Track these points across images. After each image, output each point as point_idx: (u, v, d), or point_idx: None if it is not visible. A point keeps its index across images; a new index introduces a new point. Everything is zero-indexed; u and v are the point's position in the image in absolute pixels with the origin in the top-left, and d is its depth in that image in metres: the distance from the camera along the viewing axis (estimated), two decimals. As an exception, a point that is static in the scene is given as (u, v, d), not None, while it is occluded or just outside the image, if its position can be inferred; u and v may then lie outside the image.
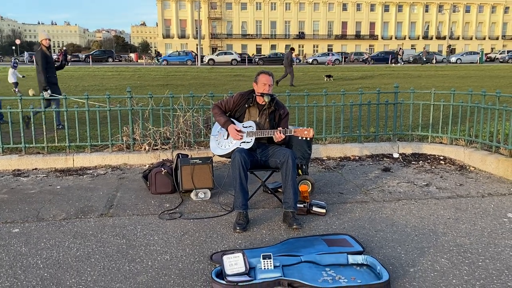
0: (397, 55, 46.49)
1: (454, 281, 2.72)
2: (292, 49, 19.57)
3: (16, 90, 14.37)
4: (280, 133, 3.67)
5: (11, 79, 14.83)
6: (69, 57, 50.37)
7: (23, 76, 17.06)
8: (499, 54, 55.54)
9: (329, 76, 21.99)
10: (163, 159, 5.27)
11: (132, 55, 64.32)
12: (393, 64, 42.01)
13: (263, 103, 3.89)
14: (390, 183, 4.83)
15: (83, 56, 55.54)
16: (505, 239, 3.34)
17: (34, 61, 7.39)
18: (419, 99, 6.45)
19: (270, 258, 2.74)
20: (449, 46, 61.91)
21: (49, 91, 7.37)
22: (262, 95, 3.83)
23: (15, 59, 19.31)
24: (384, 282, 2.58)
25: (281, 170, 3.71)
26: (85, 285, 2.70)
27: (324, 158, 5.94)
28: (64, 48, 51.32)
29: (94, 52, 56.72)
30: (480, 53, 49.81)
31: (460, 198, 4.31)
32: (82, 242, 3.31)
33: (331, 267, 2.85)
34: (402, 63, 44.08)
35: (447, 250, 3.15)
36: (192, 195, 4.32)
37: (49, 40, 7.78)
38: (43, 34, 7.75)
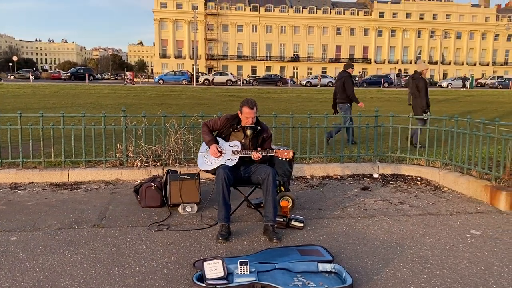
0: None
1: (412, 287, 3.02)
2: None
3: None
4: (257, 153, 4.00)
5: None
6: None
7: None
8: (489, 79, 56.65)
9: None
10: (154, 175, 5.56)
11: (128, 74, 64.58)
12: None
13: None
14: (367, 201, 5.15)
15: (68, 73, 51.89)
16: (464, 252, 3.66)
17: (416, 87, 8.47)
18: (398, 123, 6.83)
19: (246, 264, 3.03)
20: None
21: (428, 113, 8.18)
22: (245, 128, 4.19)
23: None
24: (348, 286, 2.88)
25: (262, 186, 4.02)
26: (78, 286, 2.97)
27: (307, 177, 6.26)
28: None
29: (72, 71, 53.37)
30: (470, 78, 50.90)
31: (429, 216, 4.63)
32: (75, 250, 3.58)
33: (303, 273, 3.14)
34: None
35: (410, 261, 3.46)
36: (180, 209, 4.61)
37: (427, 69, 8.80)
38: (424, 65, 8.81)
